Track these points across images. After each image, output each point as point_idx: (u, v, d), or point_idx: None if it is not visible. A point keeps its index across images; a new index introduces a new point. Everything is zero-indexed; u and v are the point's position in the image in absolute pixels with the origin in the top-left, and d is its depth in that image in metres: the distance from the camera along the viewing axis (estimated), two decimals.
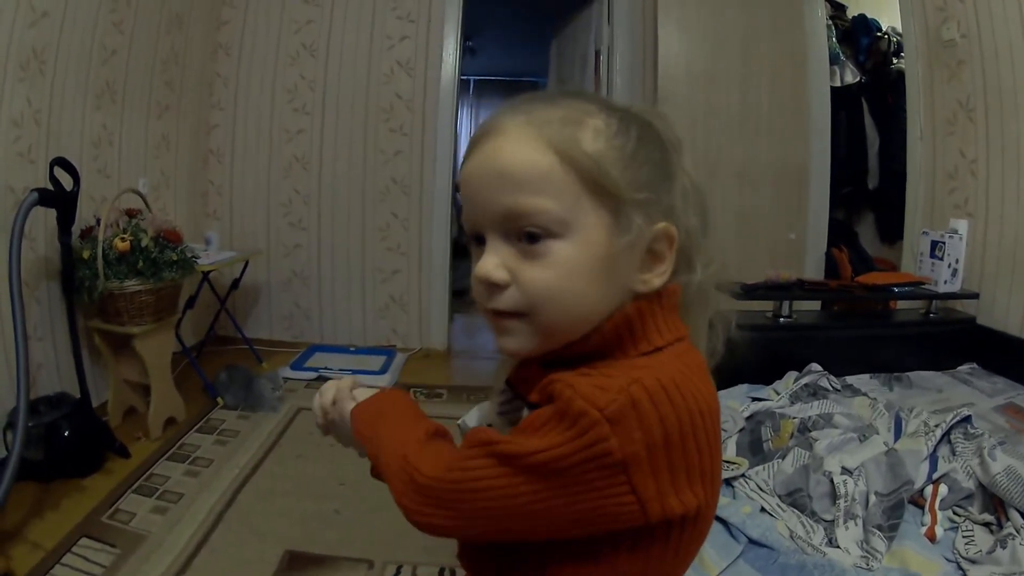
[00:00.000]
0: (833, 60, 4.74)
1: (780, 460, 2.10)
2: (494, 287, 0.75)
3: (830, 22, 4.78)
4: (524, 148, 0.73)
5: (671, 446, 0.67)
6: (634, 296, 0.76)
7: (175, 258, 3.40)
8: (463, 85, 5.53)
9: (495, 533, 0.74)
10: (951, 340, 3.17)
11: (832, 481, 1.92)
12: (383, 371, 4.59)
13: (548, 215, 0.72)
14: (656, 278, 0.76)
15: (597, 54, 5.34)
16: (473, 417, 1.30)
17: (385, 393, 0.95)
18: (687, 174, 0.81)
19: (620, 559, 0.73)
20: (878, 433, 2.17)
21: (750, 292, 2.93)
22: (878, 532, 1.75)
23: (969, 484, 1.90)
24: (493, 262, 0.75)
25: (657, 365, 0.72)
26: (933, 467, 1.96)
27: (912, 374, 2.92)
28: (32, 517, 2.69)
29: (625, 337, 0.75)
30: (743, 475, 2.07)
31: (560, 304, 0.74)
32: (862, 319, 3.45)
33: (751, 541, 1.76)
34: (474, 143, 0.78)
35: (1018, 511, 1.77)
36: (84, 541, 2.56)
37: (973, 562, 1.64)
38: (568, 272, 0.73)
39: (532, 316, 0.75)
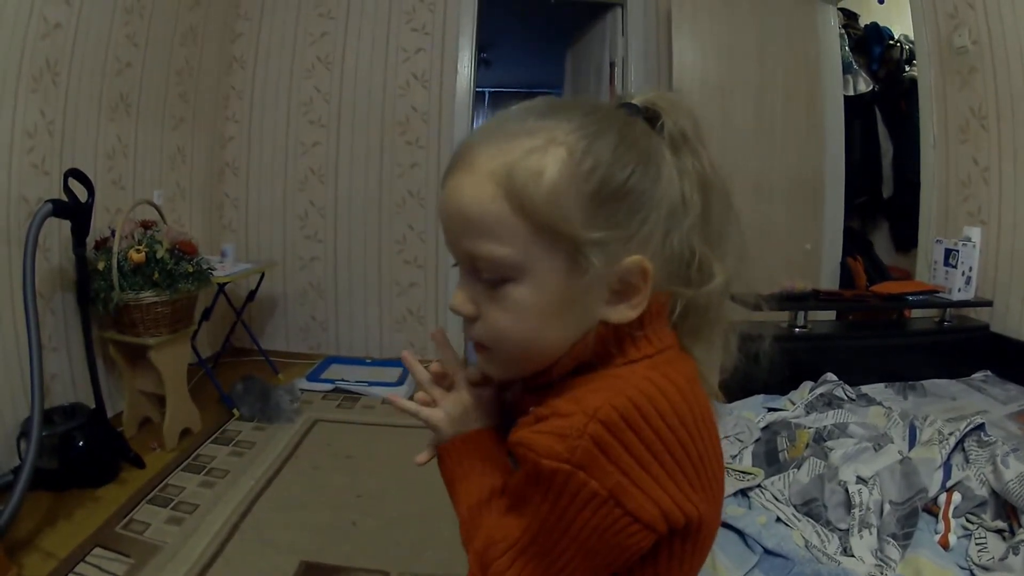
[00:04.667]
0: (846, 69, 4.74)
1: (796, 470, 2.09)
2: (467, 317, 0.77)
3: (843, 31, 4.78)
4: (480, 191, 0.72)
5: (647, 465, 0.67)
6: (601, 323, 0.75)
7: (191, 270, 3.41)
8: (478, 97, 5.54)
9: None
10: (965, 348, 3.16)
11: (847, 490, 1.91)
12: (400, 383, 4.59)
13: (500, 261, 0.72)
14: (630, 310, 0.74)
15: (612, 65, 5.35)
16: None
17: (466, 445, 0.91)
18: (700, 170, 0.78)
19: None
20: (893, 442, 2.17)
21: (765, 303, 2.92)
22: (892, 541, 1.74)
23: (982, 491, 1.89)
24: (462, 296, 0.77)
25: (625, 377, 0.72)
26: (947, 475, 1.95)
27: (927, 382, 2.90)
28: (45, 526, 2.70)
29: (600, 351, 0.75)
30: (759, 485, 2.06)
31: (518, 344, 0.75)
32: (877, 328, 3.44)
33: (767, 551, 1.75)
34: (448, 170, 0.77)
35: None
36: (98, 551, 2.56)
37: (986, 569, 1.64)
38: (524, 315, 0.73)
39: (494, 351, 0.78)
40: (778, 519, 1.91)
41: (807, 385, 2.71)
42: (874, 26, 4.94)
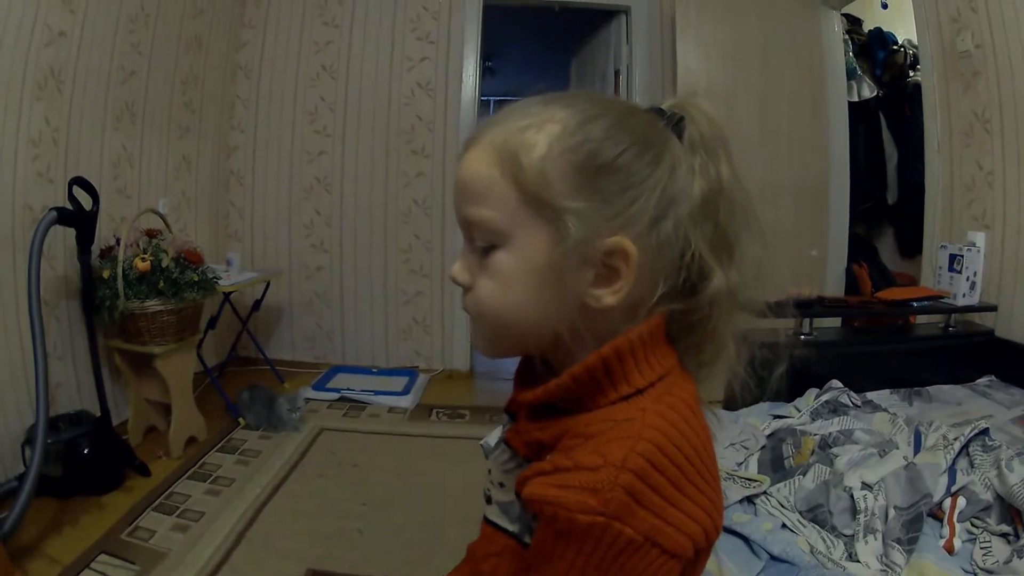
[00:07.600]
0: (850, 75, 4.74)
1: (801, 476, 2.09)
2: (462, 287, 0.80)
3: (846, 36, 4.78)
4: (478, 160, 0.76)
5: (677, 501, 0.68)
6: (583, 309, 0.75)
7: (196, 279, 3.42)
8: (483, 105, 5.54)
9: None
10: (970, 353, 3.15)
11: (852, 496, 1.91)
12: (405, 392, 4.60)
13: (488, 225, 0.75)
14: (609, 296, 0.74)
15: (616, 73, 5.36)
16: (495, 437, 1.29)
17: None
18: (713, 175, 0.78)
19: None
20: (898, 448, 2.16)
21: (771, 309, 2.92)
22: (897, 546, 1.73)
23: (987, 496, 1.88)
24: (459, 265, 0.81)
25: (639, 419, 0.70)
26: (952, 480, 1.94)
27: (932, 388, 2.89)
28: (50, 532, 2.71)
29: (603, 380, 0.74)
30: (765, 492, 2.06)
31: (502, 314, 0.77)
32: (882, 335, 3.43)
33: (772, 557, 1.75)
34: (463, 147, 0.81)
35: None
36: (103, 557, 2.57)
37: (990, 573, 1.63)
38: (508, 283, 0.76)
39: (481, 322, 0.80)
40: (784, 525, 1.90)
41: (812, 392, 2.70)
42: (878, 31, 4.94)
